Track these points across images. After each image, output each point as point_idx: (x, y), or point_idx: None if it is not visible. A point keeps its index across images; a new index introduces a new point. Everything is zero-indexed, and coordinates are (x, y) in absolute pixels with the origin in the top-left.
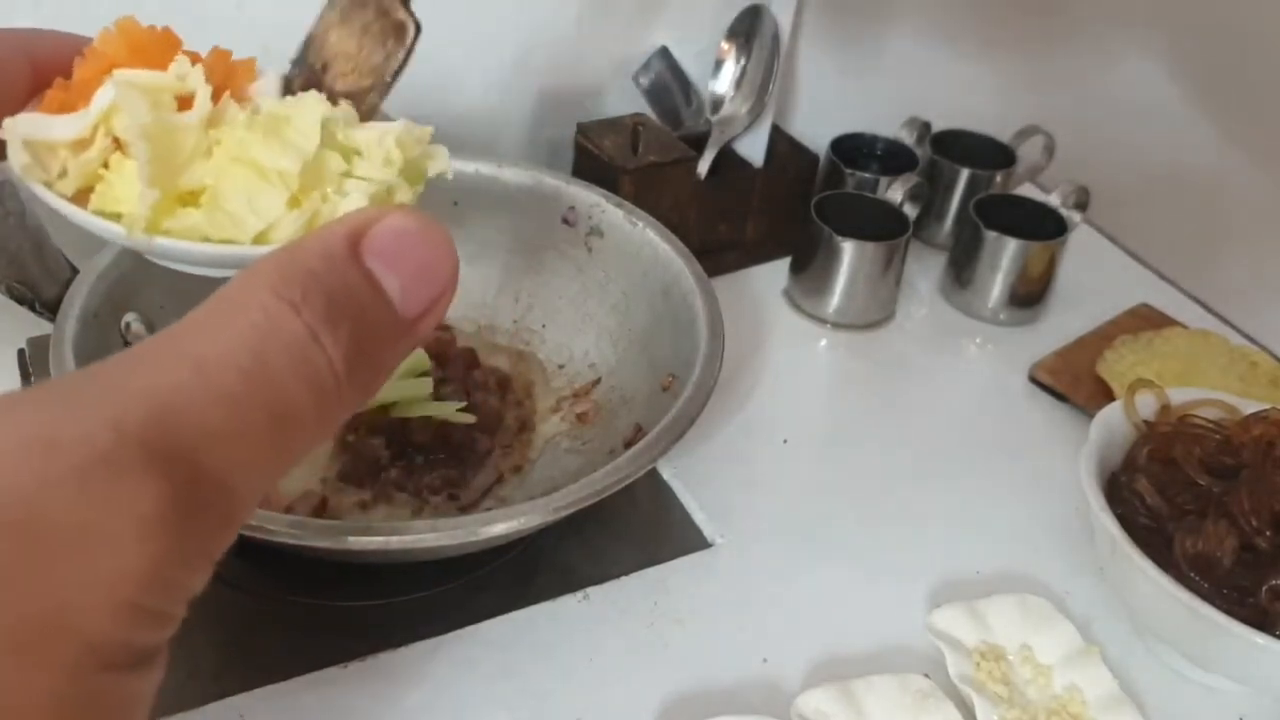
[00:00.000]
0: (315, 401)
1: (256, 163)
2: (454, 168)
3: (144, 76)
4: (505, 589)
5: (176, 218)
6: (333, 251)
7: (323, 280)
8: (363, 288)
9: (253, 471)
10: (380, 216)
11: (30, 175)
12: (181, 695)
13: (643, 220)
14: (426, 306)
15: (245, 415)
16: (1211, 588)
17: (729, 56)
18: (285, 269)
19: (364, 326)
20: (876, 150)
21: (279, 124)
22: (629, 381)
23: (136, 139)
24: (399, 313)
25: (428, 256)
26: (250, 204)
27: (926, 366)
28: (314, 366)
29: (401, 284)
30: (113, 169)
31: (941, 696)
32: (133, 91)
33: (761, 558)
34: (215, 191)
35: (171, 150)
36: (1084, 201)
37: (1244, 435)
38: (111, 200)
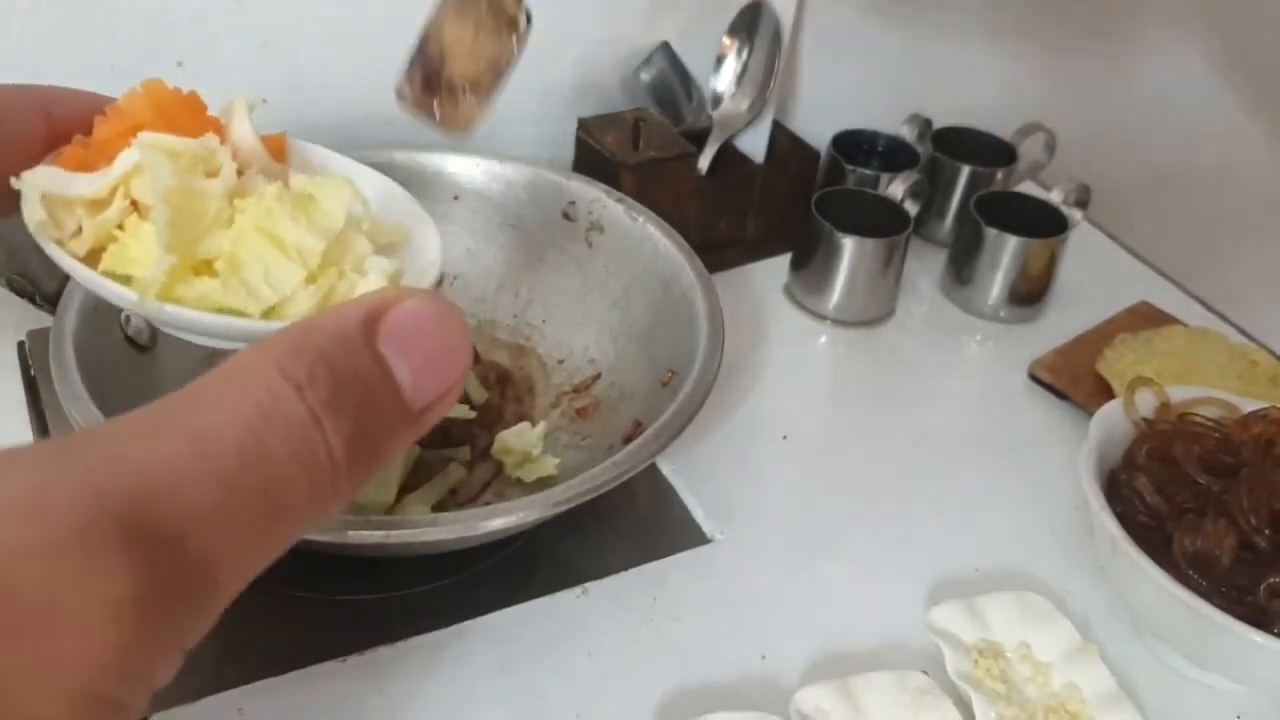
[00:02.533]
0: (310, 488)
1: (279, 236)
2: (453, 162)
3: (169, 140)
4: (504, 584)
5: (190, 285)
6: (347, 333)
7: (332, 362)
8: (373, 373)
9: (239, 559)
10: (399, 299)
11: (44, 232)
12: (179, 689)
13: (643, 215)
14: (436, 397)
15: (238, 498)
16: (1210, 586)
17: (730, 52)
18: (295, 346)
19: (369, 414)
20: (877, 147)
21: (307, 201)
22: (629, 377)
23: (157, 202)
24: (407, 402)
25: (442, 345)
26: (266, 276)
27: (927, 363)
28: (313, 452)
29: (413, 372)
30: (128, 231)
31: (940, 694)
32: (157, 154)
33: (761, 554)
34: (232, 259)
35: (192, 216)
36: (1085, 199)
37: (1243, 434)
38: (124, 262)
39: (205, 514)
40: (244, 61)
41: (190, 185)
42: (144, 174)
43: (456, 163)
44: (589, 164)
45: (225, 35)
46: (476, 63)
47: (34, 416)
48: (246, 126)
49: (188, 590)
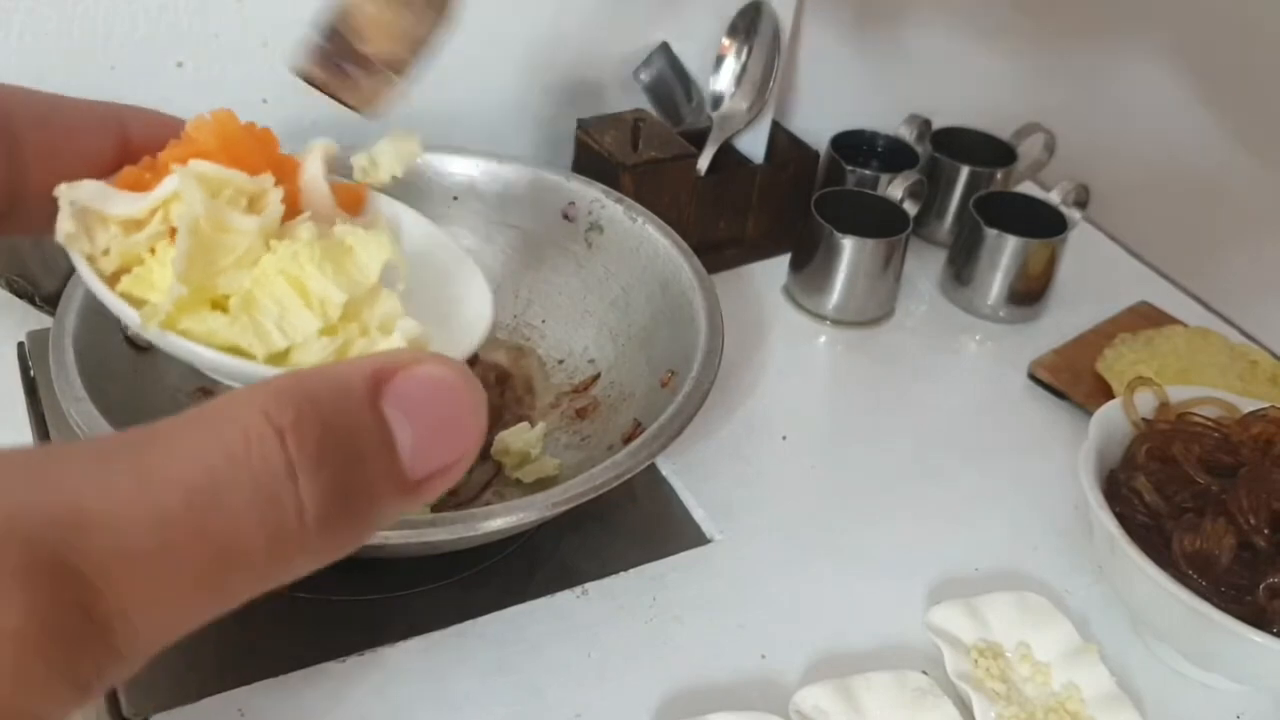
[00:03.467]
0: (268, 544)
1: (302, 283)
2: (454, 162)
3: (216, 171)
4: (504, 584)
5: (199, 318)
6: (349, 385)
7: (324, 411)
8: (369, 431)
9: (164, 608)
10: (415, 361)
11: (73, 244)
12: (180, 689)
13: (642, 216)
14: (438, 468)
15: (175, 543)
16: (1210, 586)
17: (730, 53)
18: (287, 390)
19: (356, 474)
20: (877, 147)
21: (342, 252)
22: (628, 377)
23: (182, 230)
24: (404, 468)
25: (453, 415)
26: (280, 320)
27: (926, 363)
28: (278, 507)
29: (416, 438)
30: (157, 255)
31: (939, 694)
32: (194, 182)
33: (760, 554)
34: (248, 298)
35: (218, 250)
36: (1084, 199)
37: (1243, 433)
38: (145, 285)
39: (131, 554)
40: (244, 61)
41: (223, 218)
42: (180, 200)
43: (456, 163)
44: (589, 165)
45: (225, 35)
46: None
47: (34, 416)
48: (318, 169)
49: (92, 633)
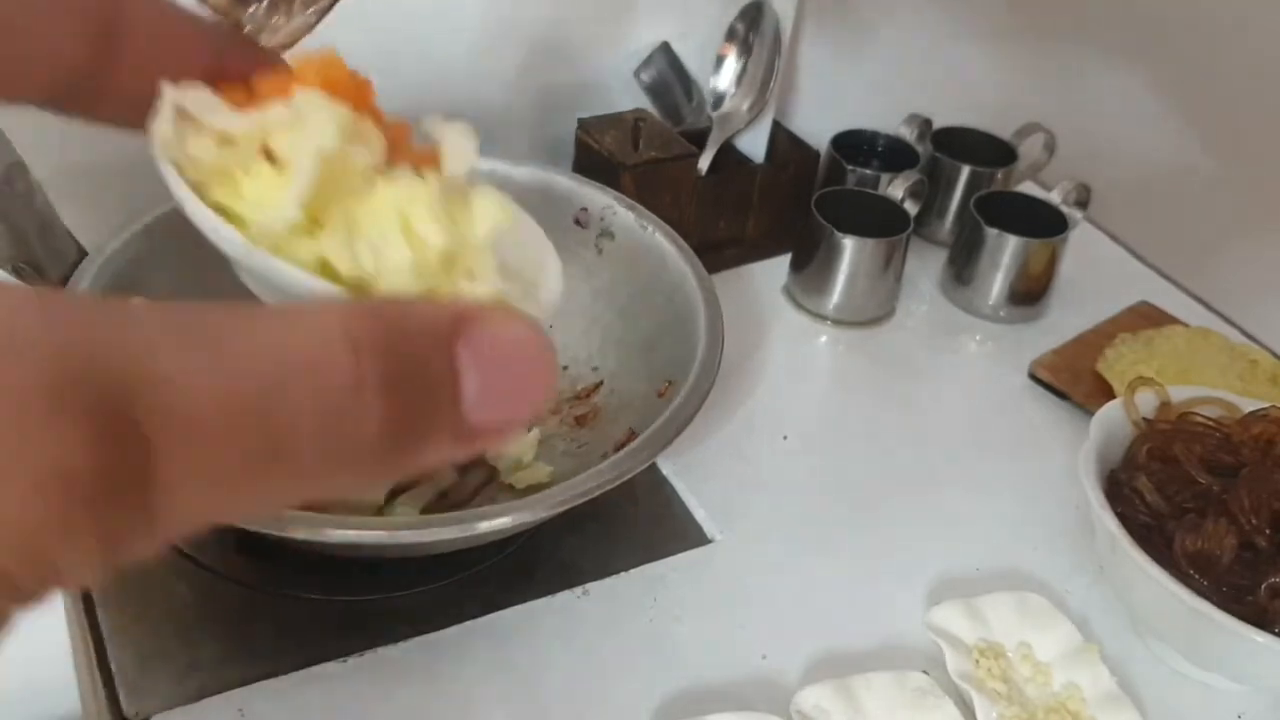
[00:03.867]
0: (320, 455)
1: (409, 220)
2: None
3: (330, 105)
4: (505, 585)
5: (298, 241)
6: (431, 320)
7: (404, 342)
8: (440, 370)
9: (206, 489)
10: (503, 315)
11: (166, 151)
12: (180, 689)
13: (652, 224)
14: (495, 425)
15: (235, 427)
16: (1211, 586)
17: (730, 53)
18: (368, 310)
19: (420, 409)
20: (877, 147)
21: (458, 201)
22: (628, 386)
23: (310, 158)
24: (464, 414)
25: (523, 376)
26: (375, 247)
27: (927, 363)
28: (338, 419)
29: (482, 388)
30: (250, 173)
31: (940, 694)
32: (322, 113)
33: (761, 554)
34: (352, 218)
35: (334, 184)
36: (1085, 199)
37: (1244, 433)
38: (235, 197)
39: (193, 425)
40: None
41: (347, 153)
42: (294, 129)
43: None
44: (589, 165)
45: None
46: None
47: None
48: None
49: (137, 493)
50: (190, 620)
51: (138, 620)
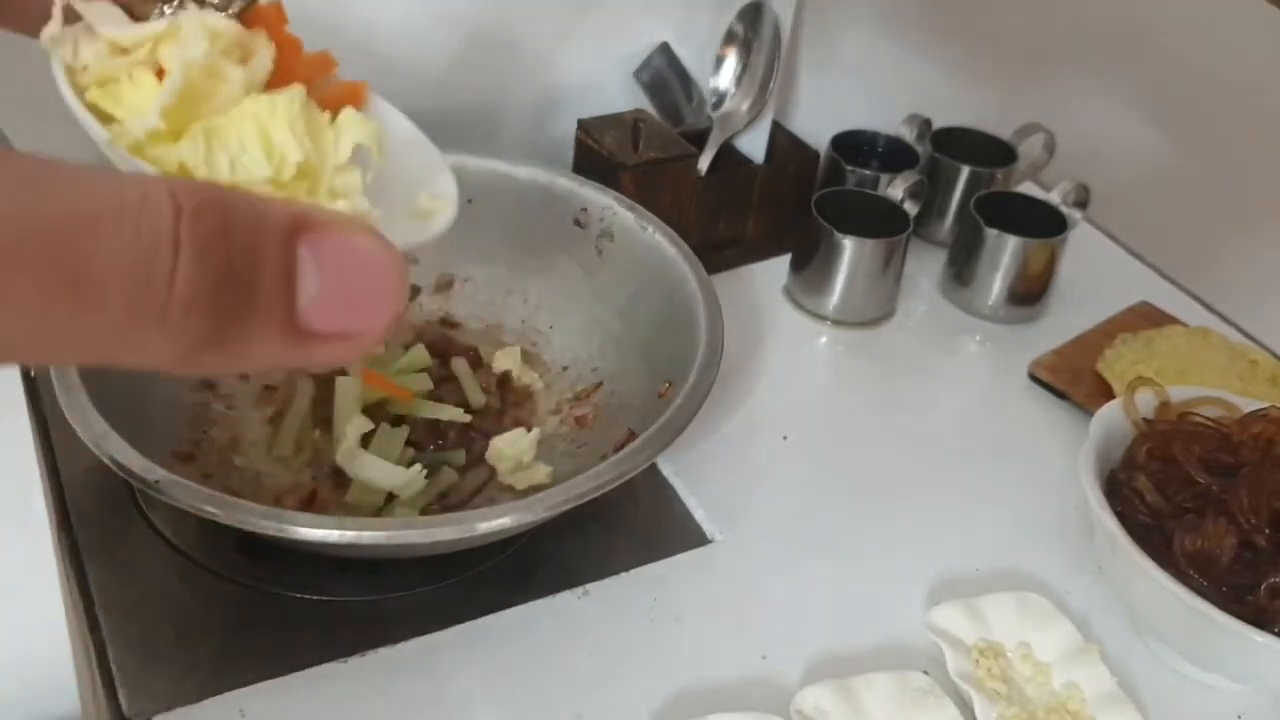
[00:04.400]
0: (127, 302)
1: (268, 133)
2: (470, 163)
3: (217, 20)
4: (505, 585)
5: (161, 148)
6: (267, 212)
7: (231, 218)
8: (271, 260)
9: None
10: (349, 225)
11: (54, 47)
12: (181, 690)
13: (652, 224)
14: (334, 331)
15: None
16: (1210, 585)
17: (730, 53)
18: (202, 186)
19: (241, 289)
20: (877, 147)
21: (319, 123)
22: (628, 387)
23: (176, 70)
24: (297, 312)
25: (369, 287)
26: (234, 159)
27: (926, 364)
28: (148, 267)
29: (321, 291)
30: (134, 79)
31: (940, 694)
32: (199, 28)
33: (761, 554)
34: (213, 130)
35: (201, 94)
36: (1084, 199)
37: (1243, 433)
38: (113, 101)
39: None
40: None
41: (216, 67)
42: (176, 40)
43: (471, 165)
44: (589, 165)
45: None
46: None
47: (34, 416)
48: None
49: None
50: (190, 621)
51: (138, 621)
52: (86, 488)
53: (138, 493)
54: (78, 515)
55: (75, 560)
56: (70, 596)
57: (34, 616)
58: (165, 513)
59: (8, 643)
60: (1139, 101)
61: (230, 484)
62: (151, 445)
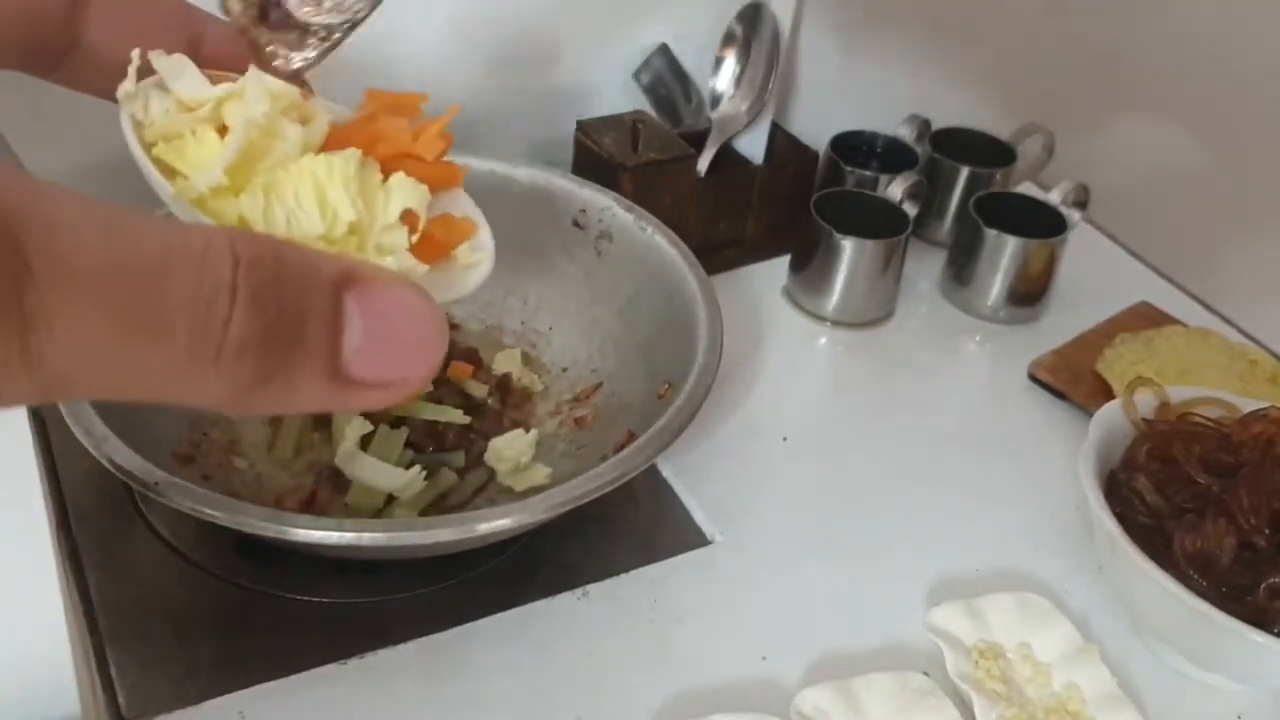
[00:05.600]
0: (188, 339)
1: (324, 191)
2: (470, 165)
3: (277, 84)
4: (505, 586)
5: (222, 202)
6: (318, 265)
7: (284, 269)
8: (320, 310)
9: (82, 337)
10: (392, 280)
11: (128, 103)
12: (180, 692)
13: (651, 225)
14: (376, 380)
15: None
16: (1210, 586)
17: (729, 54)
18: (258, 238)
19: (290, 335)
20: (876, 148)
21: (373, 185)
22: (628, 388)
23: (239, 126)
24: (342, 360)
25: (410, 338)
26: (290, 213)
27: (926, 364)
28: (209, 309)
29: (365, 340)
30: (198, 135)
31: (940, 694)
32: (261, 89)
33: (761, 555)
34: (272, 185)
35: (260, 153)
36: (1084, 199)
37: (1243, 433)
38: (177, 156)
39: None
40: None
41: (275, 126)
42: (239, 100)
43: (471, 165)
44: (588, 166)
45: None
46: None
47: (34, 418)
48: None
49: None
50: (190, 623)
51: (137, 623)
52: (86, 489)
53: (137, 494)
54: (77, 517)
55: (75, 562)
56: (70, 598)
57: (33, 618)
58: (165, 514)
59: (7, 644)
60: (1139, 102)
61: (230, 486)
62: (151, 447)
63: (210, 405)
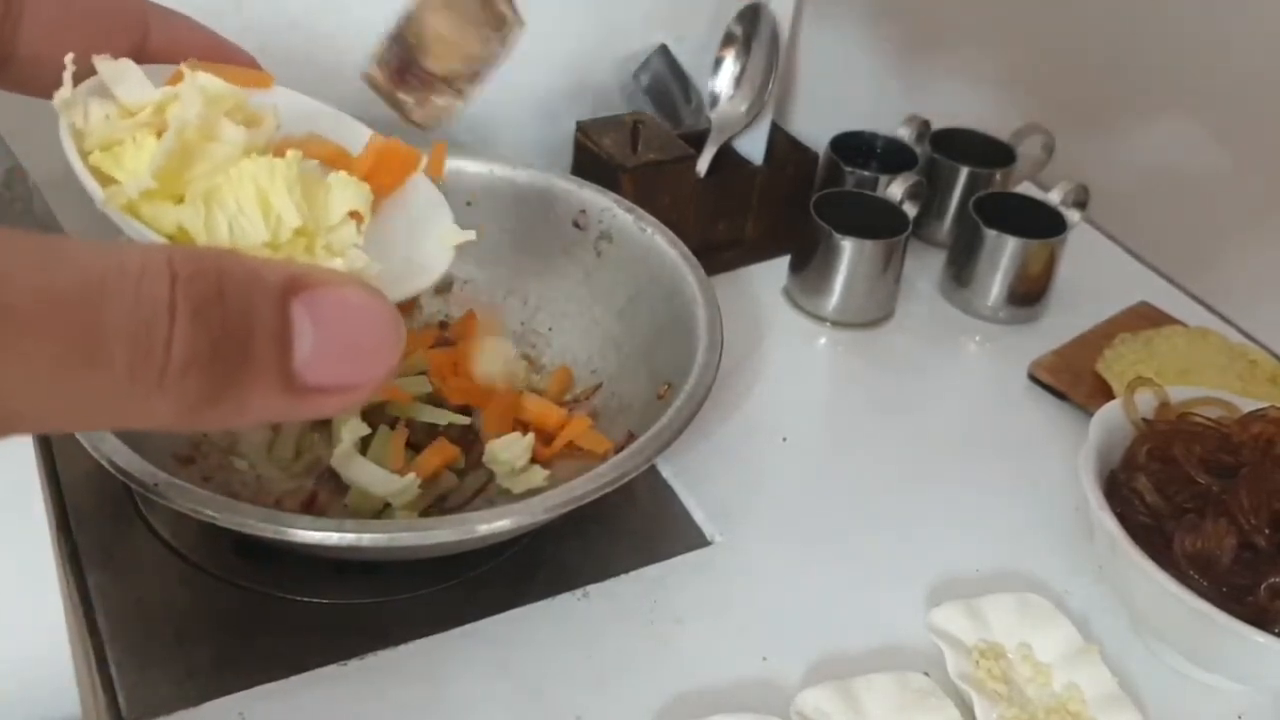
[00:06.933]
0: (129, 366)
1: (266, 196)
2: (469, 166)
3: (222, 85)
4: (505, 587)
5: (159, 209)
6: (260, 274)
7: (226, 281)
8: (266, 320)
9: (21, 376)
10: (341, 281)
11: (65, 110)
12: (180, 693)
13: (651, 226)
14: (331, 384)
15: (49, 317)
16: (1210, 586)
17: (728, 55)
18: (197, 252)
19: (236, 349)
20: (876, 148)
21: (316, 186)
22: (628, 388)
23: (170, 130)
24: (293, 368)
25: (364, 340)
26: (233, 220)
27: (926, 365)
28: (148, 333)
29: (316, 346)
30: (137, 141)
31: (941, 695)
32: (197, 88)
33: (761, 556)
34: (213, 192)
35: (198, 154)
36: (1083, 200)
37: (1243, 433)
38: (114, 164)
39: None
40: None
41: (214, 127)
42: (179, 103)
43: (471, 167)
44: (588, 167)
45: None
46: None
47: None
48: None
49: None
50: (190, 624)
51: (137, 624)
52: (86, 491)
53: (137, 496)
54: (77, 518)
55: (75, 564)
56: (70, 600)
57: (33, 620)
58: (165, 516)
59: (7, 646)
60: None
61: (230, 487)
62: (151, 448)
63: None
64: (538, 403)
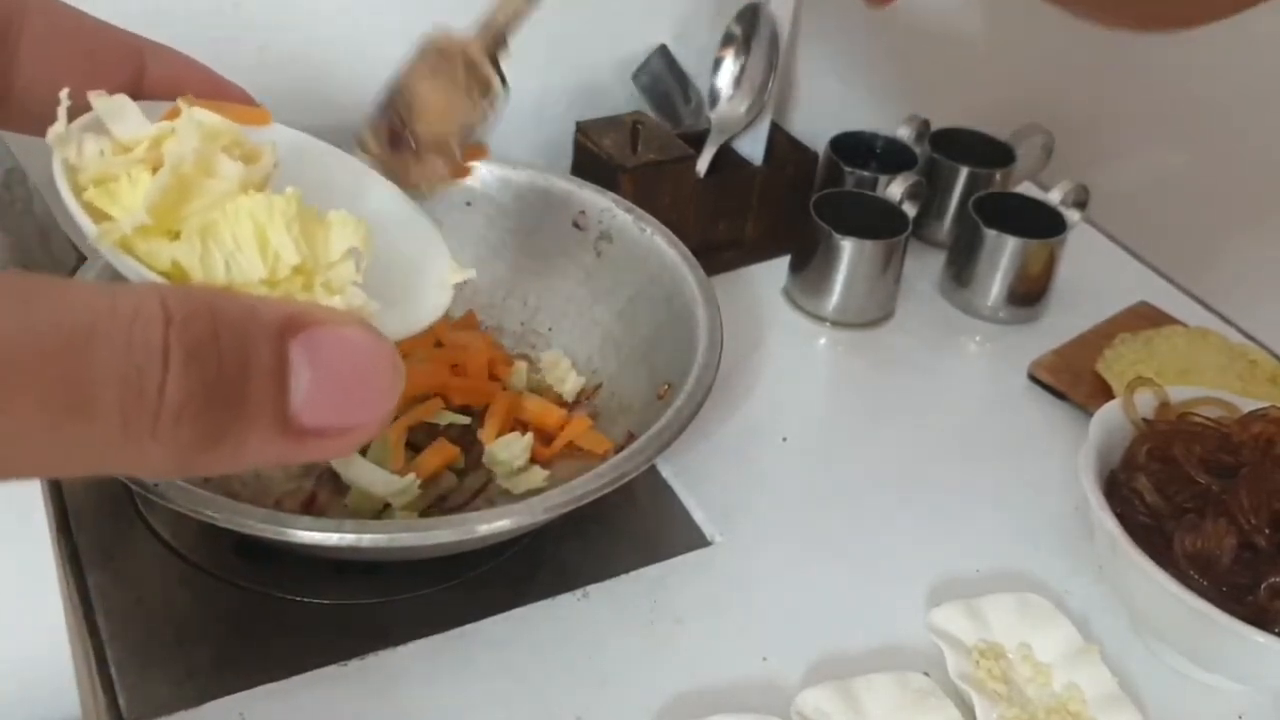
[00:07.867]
0: (121, 414)
1: (265, 231)
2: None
3: (217, 120)
4: (505, 587)
5: (151, 243)
6: (258, 315)
7: (221, 322)
8: (262, 360)
9: (10, 432)
10: (339, 320)
11: (59, 146)
12: (180, 694)
13: (651, 226)
14: (330, 426)
15: (35, 369)
16: (1211, 586)
17: (728, 55)
18: (191, 292)
19: (232, 392)
20: (876, 148)
21: (315, 222)
22: (628, 388)
23: (166, 165)
24: (290, 410)
25: (362, 381)
26: (230, 257)
27: (926, 365)
28: (140, 378)
29: (313, 387)
30: (132, 177)
31: (941, 695)
32: (193, 124)
33: (761, 556)
34: (210, 227)
35: (194, 190)
36: (1083, 200)
37: (1243, 433)
38: (109, 200)
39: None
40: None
41: (211, 162)
42: (175, 138)
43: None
44: (588, 167)
45: (222, 40)
46: (446, 124)
47: None
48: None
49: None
50: (190, 624)
51: (137, 625)
52: (86, 491)
53: (137, 496)
54: (77, 519)
55: (75, 564)
56: (70, 600)
57: (33, 620)
58: (165, 516)
59: (7, 646)
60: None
61: (230, 487)
62: None
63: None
64: (538, 403)
